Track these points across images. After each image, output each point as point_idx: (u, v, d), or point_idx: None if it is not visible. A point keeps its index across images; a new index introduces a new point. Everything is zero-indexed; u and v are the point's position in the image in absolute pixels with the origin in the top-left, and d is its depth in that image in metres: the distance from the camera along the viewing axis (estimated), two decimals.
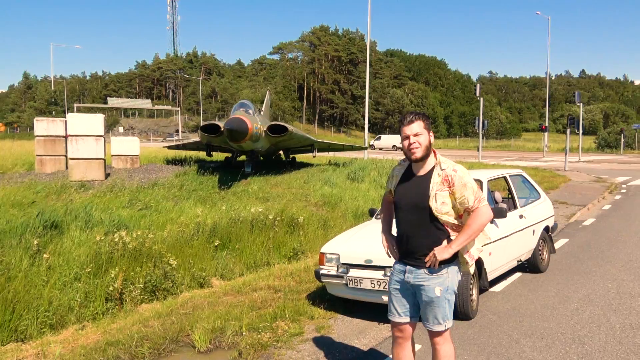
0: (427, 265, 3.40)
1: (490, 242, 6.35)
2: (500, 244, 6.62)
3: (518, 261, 7.42)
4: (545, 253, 8.04)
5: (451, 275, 3.44)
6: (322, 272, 6.05)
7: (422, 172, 3.46)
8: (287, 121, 71.53)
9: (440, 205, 3.35)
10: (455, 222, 3.41)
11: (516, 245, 7.13)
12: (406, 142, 3.41)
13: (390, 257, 3.71)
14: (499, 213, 6.53)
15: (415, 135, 3.38)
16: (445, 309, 3.45)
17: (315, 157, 20.00)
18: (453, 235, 3.43)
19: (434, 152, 3.48)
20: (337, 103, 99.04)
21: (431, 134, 3.45)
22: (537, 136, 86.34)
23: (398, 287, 3.58)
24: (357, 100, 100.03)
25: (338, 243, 6.29)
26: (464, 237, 3.35)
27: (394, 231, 3.69)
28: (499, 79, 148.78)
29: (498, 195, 7.34)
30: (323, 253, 6.18)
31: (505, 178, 7.74)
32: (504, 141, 77.96)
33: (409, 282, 3.50)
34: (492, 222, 6.52)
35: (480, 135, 37.23)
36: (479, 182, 7.14)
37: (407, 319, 3.59)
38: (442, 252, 3.35)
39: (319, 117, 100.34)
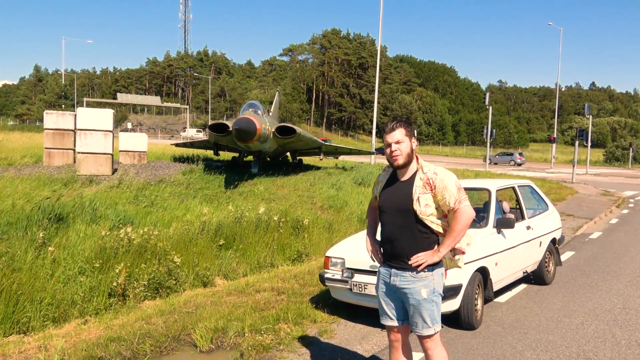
0: (411, 264, 3.47)
1: (497, 253, 6.32)
2: (507, 254, 6.58)
3: (524, 272, 7.37)
4: (551, 265, 7.98)
5: (436, 278, 3.51)
6: (326, 275, 6.03)
7: (405, 178, 3.55)
8: (295, 123, 71.49)
9: (424, 208, 3.43)
10: (440, 222, 3.48)
11: (523, 256, 7.08)
12: (388, 150, 3.51)
13: (374, 261, 3.80)
14: (507, 223, 6.51)
15: (397, 142, 3.46)
16: (433, 311, 3.52)
17: (322, 160, 19.99)
18: (440, 238, 3.53)
19: (417, 158, 3.57)
20: (346, 107, 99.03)
21: (414, 140, 3.52)
22: (544, 147, 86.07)
23: (384, 290, 3.67)
24: (365, 104, 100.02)
25: (343, 247, 6.27)
26: (450, 240, 3.43)
27: (379, 236, 3.77)
28: (509, 89, 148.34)
29: (506, 205, 7.30)
30: (328, 257, 6.16)
31: (513, 188, 7.70)
32: (512, 151, 77.70)
33: (395, 285, 3.56)
34: (499, 232, 6.50)
35: (488, 144, 37.14)
36: (488, 191, 7.11)
37: (399, 322, 3.67)
38: (432, 256, 3.45)
39: (326, 120, 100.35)
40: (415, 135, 3.69)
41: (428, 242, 3.49)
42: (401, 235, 3.51)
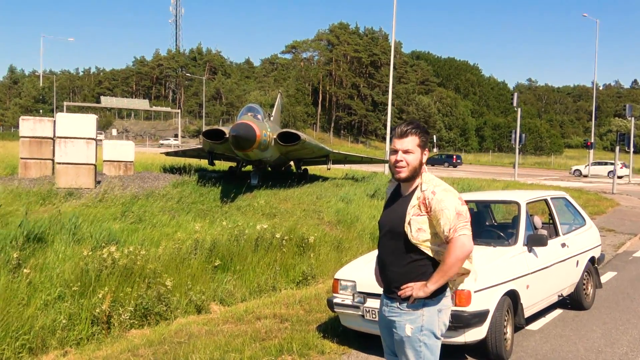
0: (400, 295, 3.38)
1: (528, 274, 6.29)
2: (539, 275, 6.55)
3: (559, 296, 7.32)
4: (590, 287, 7.93)
5: (428, 315, 3.34)
6: (335, 300, 6.01)
7: (406, 193, 3.47)
8: (299, 128, 71.76)
9: (416, 232, 3.32)
10: (439, 249, 3.33)
11: (557, 277, 7.05)
12: (393, 158, 3.40)
13: (380, 285, 3.74)
14: (539, 240, 6.49)
15: (406, 152, 3.36)
16: (420, 354, 3.33)
17: (329, 169, 20.01)
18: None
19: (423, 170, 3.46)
20: (356, 109, 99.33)
21: (426, 152, 3.42)
22: (580, 153, 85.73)
23: (379, 320, 3.63)
24: (378, 107, 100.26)
25: (354, 268, 6.26)
26: (439, 275, 3.27)
27: None
28: (539, 88, 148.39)
29: (538, 220, 7.28)
30: (337, 279, 6.14)
31: (546, 201, 7.68)
32: (543, 158, 77.58)
33: (384, 315, 3.52)
34: (530, 250, 6.47)
35: (517, 150, 37.06)
36: (516, 204, 7.09)
37: (393, 357, 3.55)
38: (419, 290, 3.32)
39: (334, 125, 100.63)
40: (428, 147, 3.53)
41: (423, 270, 3.36)
42: (392, 260, 3.44)
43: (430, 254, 3.33)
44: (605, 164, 50.19)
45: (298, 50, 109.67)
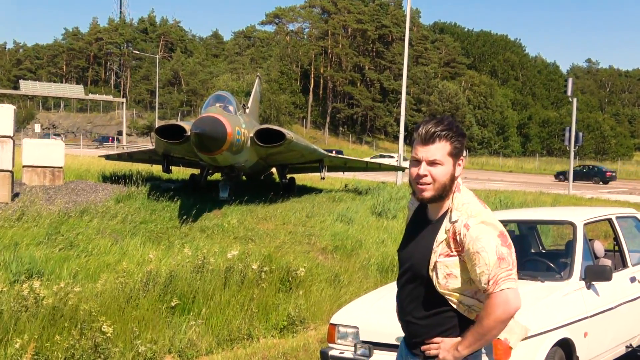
0: (423, 350, 3.37)
1: (586, 318, 6.31)
2: (601, 320, 6.57)
3: (627, 347, 7.34)
4: None
5: None
6: (331, 353, 6.02)
7: (435, 216, 3.38)
8: (284, 124, 71.86)
9: (444, 279, 3.25)
10: (472, 302, 3.30)
11: (625, 322, 7.07)
12: (414, 170, 3.29)
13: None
14: (601, 273, 6.50)
15: (432, 163, 3.24)
16: None
17: (324, 178, 20.03)
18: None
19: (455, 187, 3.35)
20: (359, 99, 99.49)
21: (460, 162, 3.30)
22: None
23: None
24: (388, 96, 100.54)
25: (357, 310, 6.27)
26: (474, 338, 3.23)
27: None
28: (601, 72, 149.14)
29: (599, 247, 7.29)
30: (334, 324, 6.15)
31: (610, 221, 7.70)
32: (607, 164, 77.80)
33: None
34: (589, 286, 6.49)
35: (572, 154, 37.19)
36: (572, 225, 7.12)
37: None
38: (447, 352, 3.29)
39: (331, 120, 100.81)
40: (464, 154, 3.39)
41: (453, 322, 3.33)
42: (412, 309, 3.41)
43: (460, 310, 3.28)
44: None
45: (283, 20, 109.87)
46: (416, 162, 3.27)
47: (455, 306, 3.27)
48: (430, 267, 3.25)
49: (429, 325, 3.35)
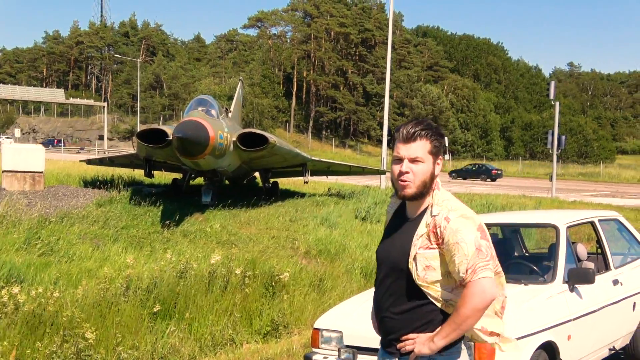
0: (399, 348, 3.43)
1: (569, 321, 6.34)
2: (585, 322, 6.61)
3: (610, 349, 7.38)
4: None
5: None
6: (315, 358, 6.02)
7: (414, 214, 3.51)
8: (267, 128, 71.82)
9: (424, 271, 3.34)
10: (450, 296, 3.37)
11: (608, 325, 7.11)
12: (396, 168, 3.43)
13: (378, 334, 3.76)
14: (584, 276, 6.53)
15: (414, 160, 3.39)
16: None
17: (307, 182, 20.04)
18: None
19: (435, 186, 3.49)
20: (342, 103, 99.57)
21: (439, 161, 3.45)
22: (638, 161, 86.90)
23: None
24: (371, 99, 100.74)
25: (341, 314, 6.27)
26: (450, 328, 3.29)
27: None
28: (583, 75, 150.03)
29: (582, 250, 7.32)
30: (317, 329, 6.15)
31: (592, 224, 7.76)
32: (590, 167, 78.29)
33: None
34: (572, 289, 6.53)
35: (555, 157, 37.41)
36: (554, 228, 7.15)
37: None
38: (423, 344, 3.34)
39: (314, 124, 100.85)
40: (444, 153, 3.58)
41: (430, 317, 3.40)
42: (390, 303, 3.48)
43: (438, 304, 3.35)
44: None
45: (265, 23, 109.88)
46: (398, 160, 3.43)
47: (433, 300, 3.35)
48: (410, 258, 3.36)
49: (406, 319, 3.42)
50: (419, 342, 3.34)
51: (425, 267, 3.33)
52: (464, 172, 59.74)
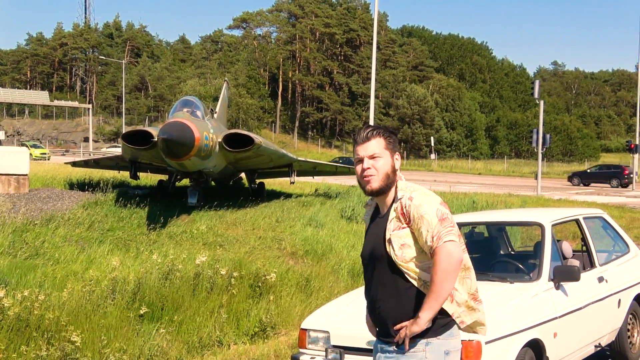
0: (397, 342, 3.59)
1: (555, 318, 6.37)
2: (570, 320, 6.64)
3: (596, 346, 7.42)
4: (636, 334, 8.07)
5: (432, 355, 3.59)
6: (302, 358, 6.03)
7: (384, 210, 3.80)
8: (253, 128, 71.74)
9: (400, 250, 3.60)
10: (427, 275, 3.57)
11: (593, 322, 7.15)
12: (359, 167, 3.74)
13: (373, 334, 3.94)
14: (569, 274, 6.56)
15: (372, 157, 3.69)
16: None
17: (293, 183, 20.05)
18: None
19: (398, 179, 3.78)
20: (328, 103, 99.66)
21: (397, 156, 3.76)
22: (623, 159, 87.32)
23: None
24: (357, 99, 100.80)
25: (328, 315, 6.27)
26: (431, 298, 3.49)
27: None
28: (567, 74, 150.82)
29: (567, 248, 7.36)
30: (304, 329, 6.15)
31: (577, 221, 7.80)
32: (574, 165, 78.72)
33: None
34: (558, 287, 6.55)
35: (540, 155, 37.56)
36: (540, 226, 7.18)
37: None
38: (411, 324, 3.54)
39: (300, 124, 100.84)
40: (399, 149, 3.90)
41: (420, 299, 3.57)
42: (380, 293, 3.72)
43: (417, 284, 3.57)
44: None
45: (250, 24, 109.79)
46: (359, 161, 3.74)
47: (415, 282, 3.57)
48: (386, 241, 3.63)
49: (396, 306, 3.63)
50: (409, 325, 3.52)
51: (401, 246, 3.59)
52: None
